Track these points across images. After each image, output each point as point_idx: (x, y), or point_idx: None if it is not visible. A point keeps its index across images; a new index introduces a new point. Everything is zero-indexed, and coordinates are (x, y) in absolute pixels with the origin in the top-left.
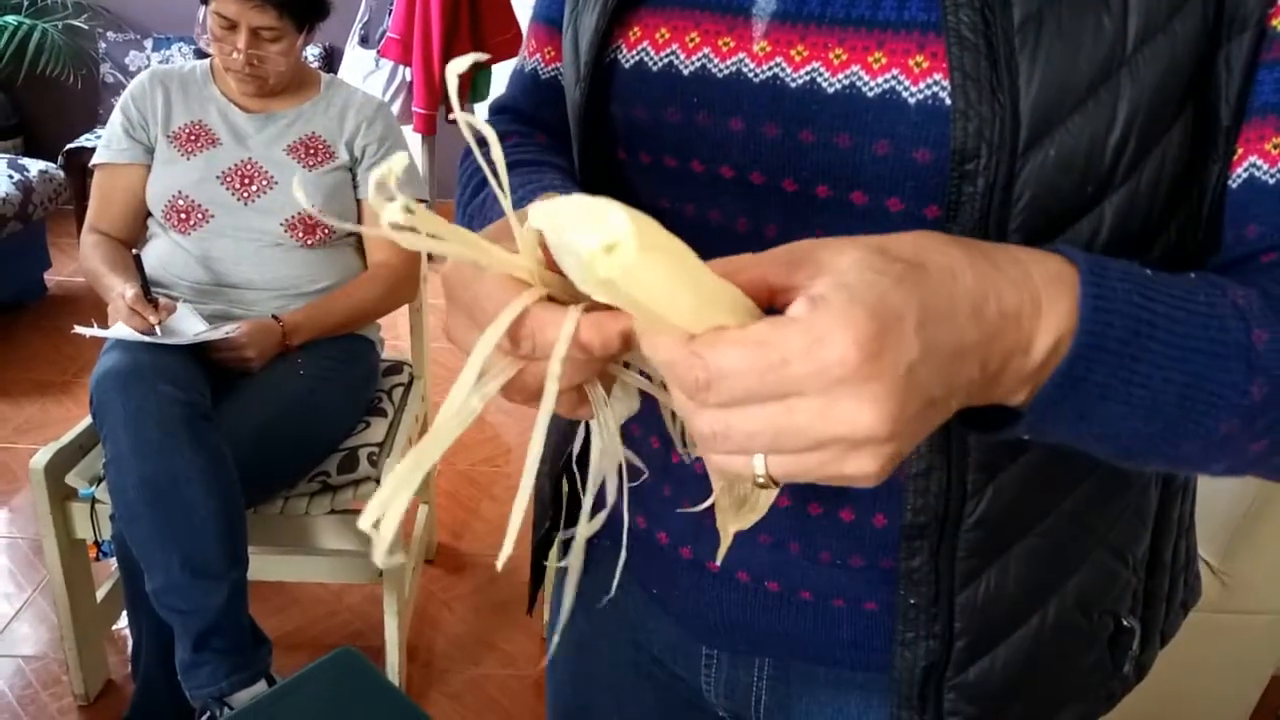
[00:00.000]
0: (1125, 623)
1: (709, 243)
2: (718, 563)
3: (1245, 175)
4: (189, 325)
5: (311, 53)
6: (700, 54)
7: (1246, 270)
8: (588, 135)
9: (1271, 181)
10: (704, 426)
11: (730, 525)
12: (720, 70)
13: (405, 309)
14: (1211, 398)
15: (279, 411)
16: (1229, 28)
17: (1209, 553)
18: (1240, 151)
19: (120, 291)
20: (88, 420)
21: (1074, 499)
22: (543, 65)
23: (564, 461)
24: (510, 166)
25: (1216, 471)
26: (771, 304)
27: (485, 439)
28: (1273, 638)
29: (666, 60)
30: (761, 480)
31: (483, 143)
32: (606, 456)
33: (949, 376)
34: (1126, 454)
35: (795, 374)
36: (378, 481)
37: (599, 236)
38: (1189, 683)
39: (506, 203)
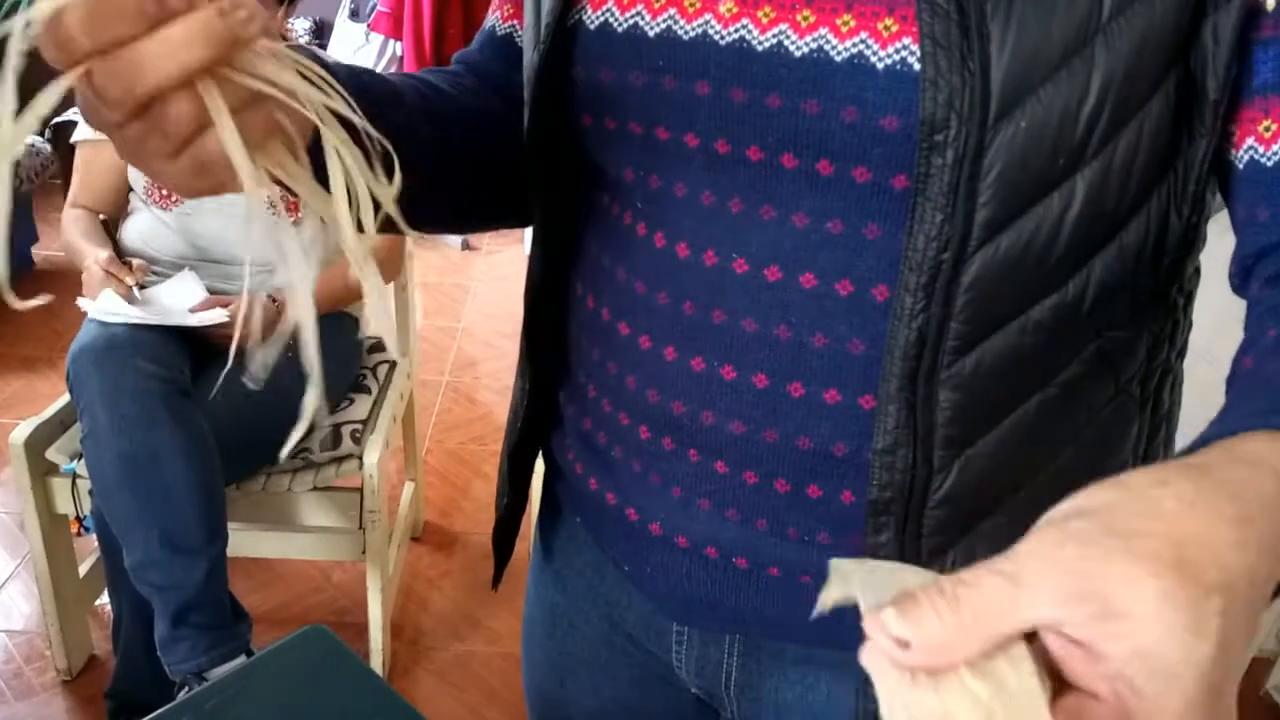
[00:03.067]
0: None
1: (673, 216)
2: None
3: None
4: (189, 291)
5: (301, 26)
6: (666, 14)
7: None
8: (547, 99)
9: None
10: None
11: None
12: (686, 32)
13: (390, 286)
14: None
15: (261, 387)
16: None
17: None
18: (1275, 128)
19: (93, 258)
20: (69, 395)
21: (1044, 479)
22: (500, 22)
23: (517, 439)
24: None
25: None
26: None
27: (476, 418)
28: None
29: (631, 21)
30: None
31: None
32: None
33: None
34: None
35: None
36: (361, 459)
37: None
38: None
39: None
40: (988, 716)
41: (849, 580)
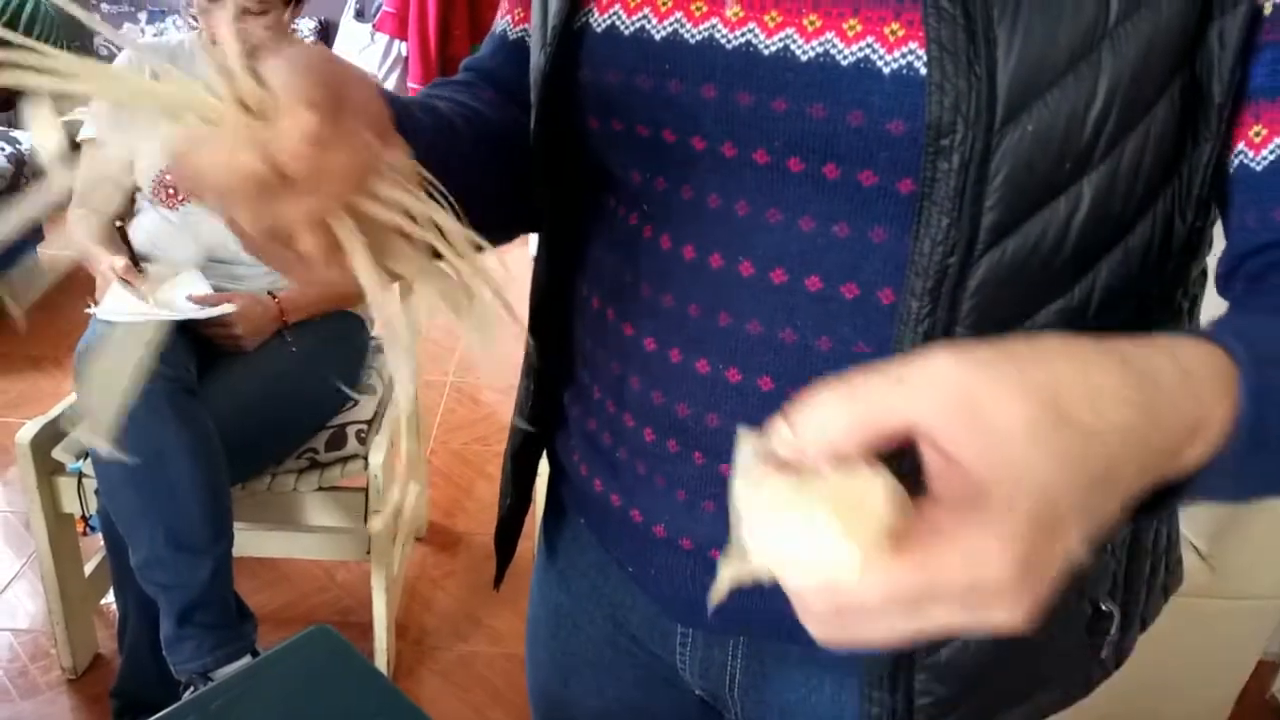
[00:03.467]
0: (1104, 607)
1: (680, 218)
2: (710, 609)
3: (1272, 157)
4: (194, 289)
5: (306, 26)
6: (673, 18)
7: None
8: (554, 101)
9: None
10: (822, 634)
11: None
12: (693, 36)
13: (396, 285)
14: None
15: (266, 387)
16: (1222, 2)
17: (1198, 538)
18: (1265, 133)
19: (109, 263)
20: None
21: None
22: (511, 26)
23: (522, 440)
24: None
25: None
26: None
27: (479, 418)
28: (1259, 623)
29: (638, 24)
30: None
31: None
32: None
33: (1098, 535)
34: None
35: (943, 595)
36: (366, 459)
37: (821, 567)
38: (1176, 667)
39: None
40: (837, 509)
41: (753, 443)
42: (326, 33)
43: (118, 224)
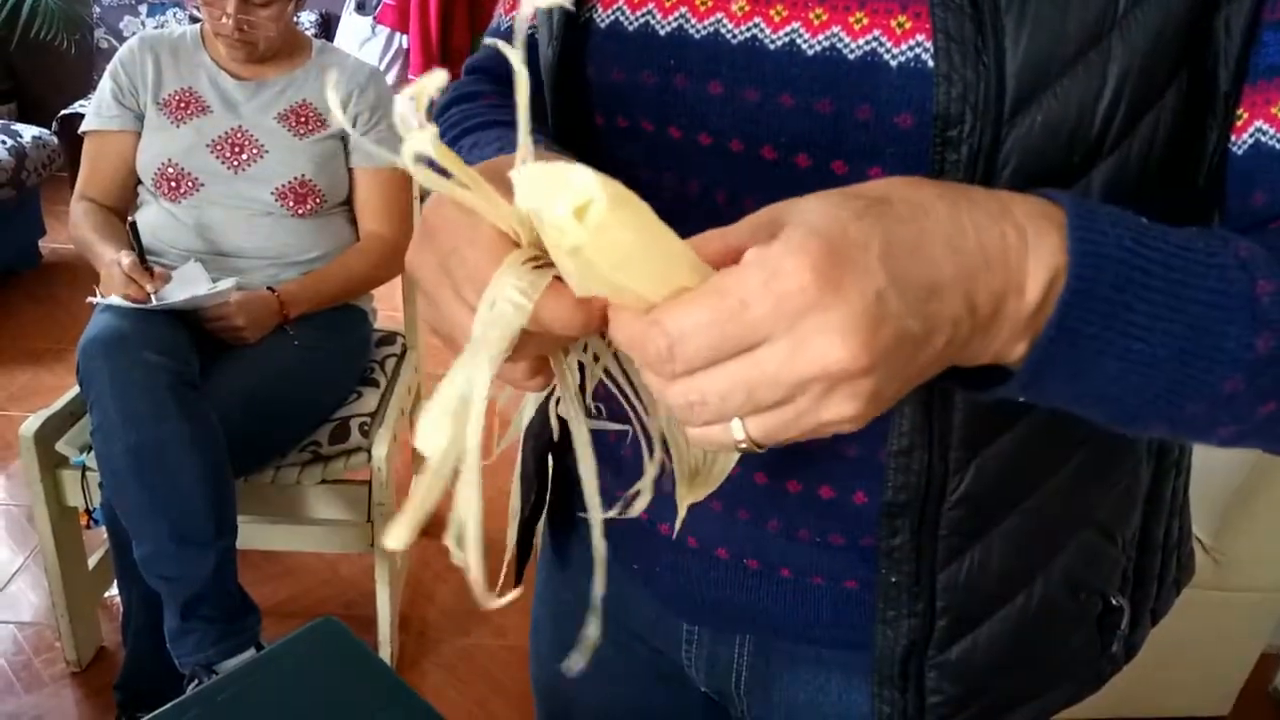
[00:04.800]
0: (1114, 602)
1: (687, 214)
2: (674, 533)
3: (1251, 141)
4: (195, 283)
5: (308, 19)
6: (677, 13)
7: (1253, 238)
8: (562, 98)
9: (1279, 146)
10: (677, 399)
11: (685, 497)
12: (698, 31)
13: (399, 279)
14: (1214, 352)
15: (269, 381)
16: None
17: (1202, 530)
18: (1245, 116)
19: (115, 259)
20: (79, 388)
21: (1060, 478)
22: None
23: (547, 438)
24: (485, 126)
25: (1224, 438)
26: None
27: None
28: (1263, 615)
29: (642, 20)
30: (744, 445)
31: (466, 97)
32: (578, 433)
33: (928, 312)
34: (1129, 417)
35: (756, 315)
36: (369, 452)
37: (570, 199)
38: (1180, 658)
39: (524, 138)
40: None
41: (531, 180)
42: (328, 26)
43: (130, 220)
